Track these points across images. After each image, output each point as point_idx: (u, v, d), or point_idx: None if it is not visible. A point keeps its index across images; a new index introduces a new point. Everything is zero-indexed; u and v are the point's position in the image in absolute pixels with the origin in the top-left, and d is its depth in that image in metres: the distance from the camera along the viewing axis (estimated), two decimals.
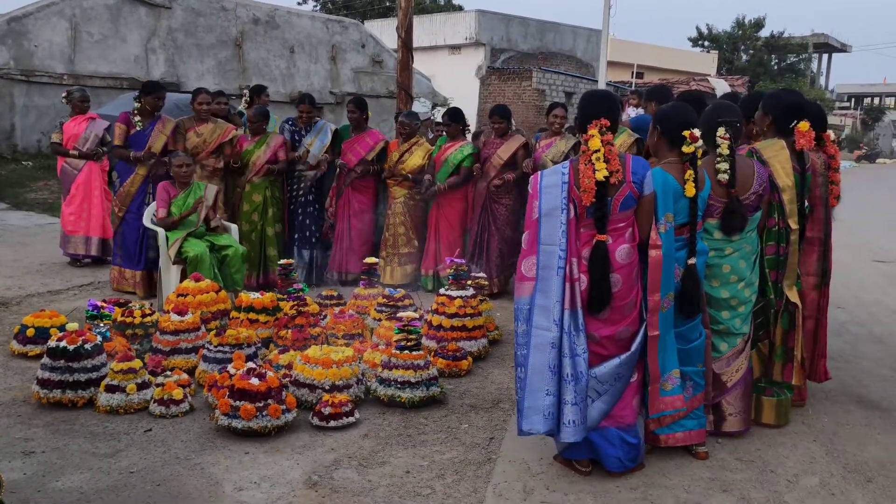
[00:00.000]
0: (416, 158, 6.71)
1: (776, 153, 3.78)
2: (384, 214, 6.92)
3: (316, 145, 6.65)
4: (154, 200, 5.93)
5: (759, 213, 3.64)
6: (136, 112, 6.13)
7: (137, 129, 6.09)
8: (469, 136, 7.29)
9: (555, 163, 6.21)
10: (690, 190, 3.29)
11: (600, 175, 3.07)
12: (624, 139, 6.06)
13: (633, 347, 3.19)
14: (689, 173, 3.29)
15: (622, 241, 3.17)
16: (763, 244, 3.76)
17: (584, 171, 3.10)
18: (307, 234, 6.69)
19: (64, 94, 7.38)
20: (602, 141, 3.12)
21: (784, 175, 3.74)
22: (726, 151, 3.50)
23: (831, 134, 4.14)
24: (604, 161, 3.08)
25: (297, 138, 6.71)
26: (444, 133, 6.98)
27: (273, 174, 6.41)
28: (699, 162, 3.36)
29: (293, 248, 6.66)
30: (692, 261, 3.34)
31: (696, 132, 3.30)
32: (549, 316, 3.09)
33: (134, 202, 6.13)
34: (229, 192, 6.46)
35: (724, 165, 3.49)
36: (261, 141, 6.43)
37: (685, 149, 3.30)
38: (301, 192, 6.67)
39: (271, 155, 6.38)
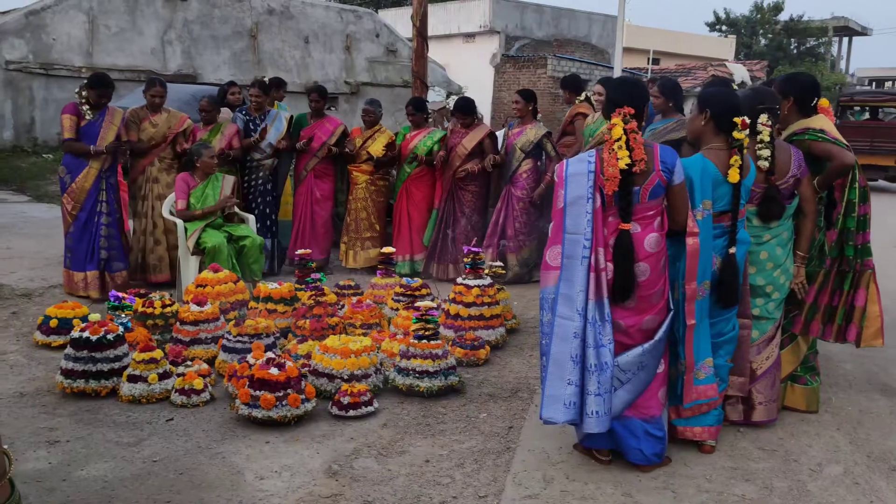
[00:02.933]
0: (377, 145, 6.81)
1: (826, 124, 3.78)
2: (345, 202, 6.99)
3: (271, 134, 6.59)
4: (109, 196, 5.77)
5: (796, 199, 3.61)
6: (84, 102, 5.76)
7: (88, 118, 5.77)
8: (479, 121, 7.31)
9: (523, 151, 6.44)
10: (735, 175, 3.24)
11: (623, 163, 3.04)
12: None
13: (658, 336, 3.15)
14: (736, 159, 3.25)
15: (651, 229, 3.13)
16: (859, 203, 3.76)
17: (608, 159, 3.08)
18: (267, 222, 6.66)
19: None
20: (625, 129, 3.09)
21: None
22: (767, 138, 3.47)
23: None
24: (626, 149, 3.05)
25: (251, 127, 6.62)
26: (409, 122, 7.03)
27: (228, 160, 6.33)
28: (745, 150, 3.32)
29: None
30: (732, 250, 3.29)
31: (748, 119, 3.27)
32: (572, 305, 3.06)
33: (89, 199, 5.69)
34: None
35: (766, 152, 3.47)
36: (214, 129, 6.39)
37: (737, 135, 3.26)
38: (260, 182, 6.65)
39: (226, 144, 6.34)
